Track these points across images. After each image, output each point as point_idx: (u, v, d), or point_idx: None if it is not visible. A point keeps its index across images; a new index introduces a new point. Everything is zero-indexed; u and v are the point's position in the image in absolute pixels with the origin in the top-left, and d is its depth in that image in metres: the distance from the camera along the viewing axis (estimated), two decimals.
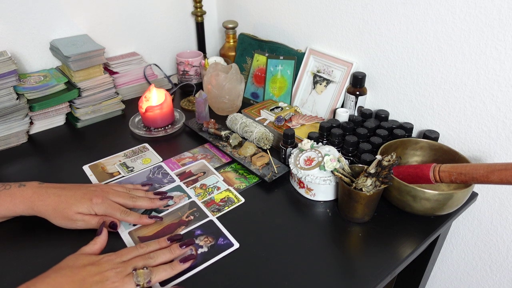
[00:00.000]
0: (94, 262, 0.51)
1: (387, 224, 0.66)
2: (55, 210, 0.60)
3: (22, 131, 0.88)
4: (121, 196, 0.65)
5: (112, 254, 0.53)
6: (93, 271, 0.49)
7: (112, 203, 0.63)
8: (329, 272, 0.57)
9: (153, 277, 0.51)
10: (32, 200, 0.60)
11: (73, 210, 0.60)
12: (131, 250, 0.55)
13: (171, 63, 1.28)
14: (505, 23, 0.64)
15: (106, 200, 0.63)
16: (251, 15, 1.17)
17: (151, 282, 0.51)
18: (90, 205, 0.61)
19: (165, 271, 0.53)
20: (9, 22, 0.93)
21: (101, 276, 0.49)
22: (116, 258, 0.53)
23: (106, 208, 0.62)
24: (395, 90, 0.85)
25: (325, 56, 0.95)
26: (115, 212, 0.63)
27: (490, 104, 0.70)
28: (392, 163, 0.61)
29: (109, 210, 0.63)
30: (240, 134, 0.89)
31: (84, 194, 0.62)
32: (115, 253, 0.54)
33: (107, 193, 0.64)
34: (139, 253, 0.55)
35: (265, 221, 0.67)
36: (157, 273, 0.52)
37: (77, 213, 0.61)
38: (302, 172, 0.70)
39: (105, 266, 0.51)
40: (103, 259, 0.52)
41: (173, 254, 0.56)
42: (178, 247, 0.57)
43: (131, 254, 0.54)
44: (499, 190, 0.75)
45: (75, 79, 0.93)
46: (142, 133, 0.92)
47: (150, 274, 0.51)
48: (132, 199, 0.66)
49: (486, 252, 0.82)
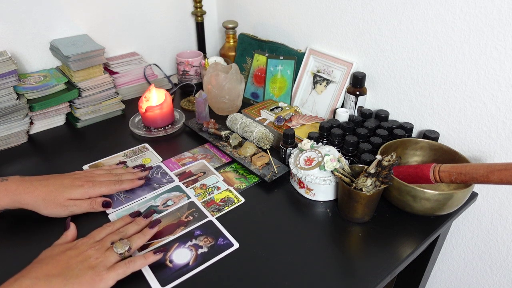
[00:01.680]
0: (71, 247, 0.53)
1: (387, 224, 0.66)
2: (45, 200, 0.62)
3: (22, 131, 0.88)
4: (106, 176, 0.70)
5: (85, 238, 0.56)
6: (74, 254, 0.52)
7: (102, 182, 0.68)
8: (329, 272, 0.57)
9: (131, 245, 0.55)
10: (17, 193, 0.61)
11: (65, 196, 0.63)
12: (100, 230, 0.58)
13: (171, 63, 1.28)
14: (505, 23, 0.64)
15: (96, 182, 0.67)
16: (251, 15, 1.17)
17: (131, 249, 0.55)
18: (84, 191, 0.65)
19: (140, 238, 0.58)
20: (9, 22, 0.93)
21: (83, 255, 0.51)
22: (89, 240, 0.55)
23: (100, 187, 0.67)
24: (395, 90, 0.85)
25: (325, 56, 0.95)
26: (110, 186, 0.67)
27: (490, 104, 0.70)
28: (392, 163, 0.61)
29: (104, 187, 0.67)
30: (240, 134, 0.89)
31: (72, 182, 0.65)
32: (87, 236, 0.57)
33: (92, 177, 0.68)
34: (109, 231, 0.58)
35: (265, 221, 0.67)
36: (133, 241, 0.56)
37: (69, 199, 0.63)
38: (302, 172, 0.70)
39: (82, 248, 0.53)
40: (78, 243, 0.55)
41: (139, 224, 0.61)
42: (142, 218, 0.62)
43: (102, 233, 0.57)
44: (499, 190, 0.75)
45: (75, 79, 0.93)
46: (142, 133, 0.92)
47: (128, 243, 0.55)
48: (116, 176, 0.71)
49: (486, 252, 0.82)
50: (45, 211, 0.62)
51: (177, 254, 0.59)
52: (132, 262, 0.53)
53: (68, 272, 0.49)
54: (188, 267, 0.57)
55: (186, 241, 0.62)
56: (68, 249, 0.53)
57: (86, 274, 0.49)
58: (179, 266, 0.57)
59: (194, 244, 0.61)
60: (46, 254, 0.53)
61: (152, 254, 0.55)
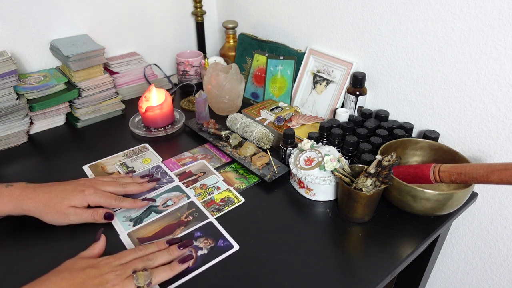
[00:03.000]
0: (93, 265, 0.51)
1: (387, 224, 0.66)
2: (46, 206, 0.60)
3: (22, 131, 0.88)
4: (111, 184, 0.67)
5: (111, 257, 0.53)
6: (93, 274, 0.49)
7: (104, 192, 0.65)
8: (329, 272, 0.57)
9: (153, 279, 0.51)
10: (20, 199, 0.60)
11: (65, 204, 0.61)
12: (129, 253, 0.54)
13: (171, 63, 1.28)
14: (505, 23, 0.64)
15: (98, 191, 0.64)
16: (251, 15, 1.17)
17: (151, 283, 0.51)
18: (83, 197, 0.62)
19: (165, 272, 0.53)
20: (9, 22, 0.93)
21: (101, 278, 0.49)
22: (115, 261, 0.52)
23: (100, 198, 0.64)
24: (395, 90, 0.85)
25: (325, 56, 0.95)
26: (109, 200, 0.64)
27: (490, 104, 0.70)
28: (392, 163, 0.61)
29: (103, 199, 0.64)
30: (240, 134, 0.89)
31: (74, 187, 0.63)
32: (114, 256, 0.53)
33: (96, 184, 0.66)
34: (137, 256, 0.54)
35: (265, 221, 0.67)
36: (157, 274, 0.52)
37: (69, 207, 0.61)
38: (302, 172, 0.70)
39: (104, 269, 0.50)
40: (102, 262, 0.52)
41: (171, 255, 0.56)
42: (176, 248, 0.57)
43: (129, 257, 0.54)
44: (499, 190, 0.75)
45: (75, 79, 0.93)
46: (142, 133, 0.92)
47: (150, 276, 0.51)
48: (122, 186, 0.68)
49: (486, 252, 0.82)
50: (46, 218, 0.61)
51: None
52: None
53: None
54: (188, 269, 0.57)
55: None
56: (90, 267, 0.50)
57: None
58: None
59: (194, 246, 0.61)
60: (67, 266, 0.51)
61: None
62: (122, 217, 0.67)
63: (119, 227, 0.64)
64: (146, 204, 0.68)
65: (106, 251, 0.57)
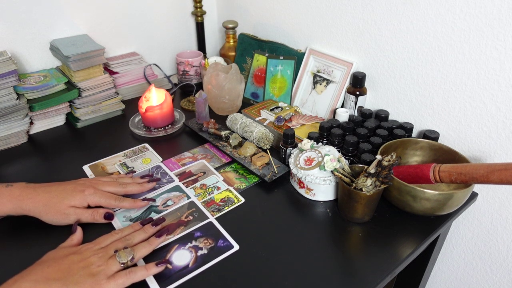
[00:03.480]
0: (75, 252, 0.53)
1: (387, 224, 0.66)
2: (46, 206, 0.61)
3: (22, 131, 0.88)
4: (111, 185, 0.68)
5: (90, 244, 0.56)
6: (76, 259, 0.51)
7: (104, 192, 0.65)
8: (329, 272, 0.57)
9: (135, 254, 0.54)
10: (20, 199, 0.61)
11: (65, 203, 0.61)
12: (107, 237, 0.57)
13: (171, 63, 1.28)
14: (505, 23, 0.64)
15: (98, 191, 0.65)
16: (251, 15, 1.17)
17: (134, 259, 0.54)
18: (83, 197, 0.63)
19: (145, 247, 0.56)
20: (9, 22, 0.93)
21: (85, 262, 0.51)
22: (95, 246, 0.55)
23: (100, 198, 0.64)
24: (395, 90, 0.85)
25: (325, 56, 0.95)
26: (109, 200, 0.65)
27: (490, 104, 0.70)
28: (392, 163, 0.61)
29: (103, 199, 0.64)
30: (240, 134, 0.89)
31: (74, 187, 0.64)
32: (92, 242, 0.56)
33: (96, 184, 0.66)
34: (115, 238, 0.57)
35: (265, 221, 0.67)
36: (138, 250, 0.55)
37: (69, 207, 0.62)
38: (302, 172, 0.70)
39: (86, 253, 0.53)
40: (83, 248, 0.54)
41: (147, 233, 0.59)
42: (150, 226, 0.61)
43: (108, 240, 0.56)
44: (499, 190, 0.75)
45: (75, 79, 0.93)
46: (142, 133, 0.92)
47: (131, 252, 0.54)
48: (122, 186, 0.68)
49: (486, 252, 0.82)
50: (46, 218, 0.61)
51: (177, 255, 0.59)
52: (133, 273, 0.52)
53: (68, 277, 0.48)
54: (188, 269, 0.57)
55: (186, 242, 0.62)
56: (72, 253, 0.52)
57: (86, 281, 0.48)
58: (179, 268, 0.57)
59: (194, 246, 0.61)
60: (49, 256, 0.52)
61: (154, 266, 0.54)
62: (122, 217, 0.67)
63: (119, 227, 0.64)
64: (146, 204, 0.68)
65: None
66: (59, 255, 0.52)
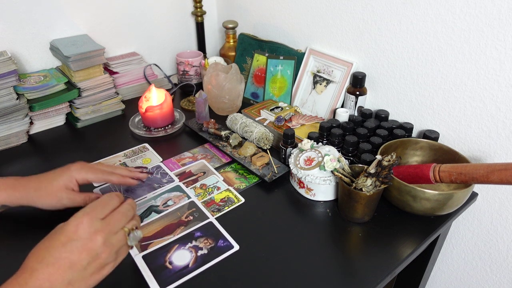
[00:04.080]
0: (93, 257, 0.45)
1: (387, 224, 0.66)
2: (37, 190, 0.61)
3: (22, 131, 0.88)
4: (99, 165, 0.67)
5: (103, 223, 0.47)
6: (90, 257, 0.45)
7: (91, 167, 0.64)
8: (329, 272, 0.57)
9: (139, 233, 0.50)
10: (13, 187, 0.61)
11: (55, 185, 0.61)
12: (119, 218, 0.49)
13: (171, 63, 1.28)
14: (505, 23, 0.64)
15: (85, 165, 0.64)
16: (251, 15, 1.17)
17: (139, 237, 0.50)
18: (69, 173, 0.62)
19: (136, 220, 0.51)
20: (9, 22, 0.93)
21: (97, 262, 0.45)
22: (107, 227, 0.47)
23: (86, 172, 0.63)
24: (395, 90, 0.85)
25: (325, 56, 0.95)
26: (96, 174, 0.64)
27: (490, 104, 0.70)
28: (392, 163, 0.61)
29: (90, 173, 0.63)
30: (240, 134, 0.89)
31: (62, 168, 0.63)
32: (104, 221, 0.47)
33: (84, 164, 0.65)
34: (124, 223, 0.49)
35: (265, 221, 0.67)
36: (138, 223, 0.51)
37: (59, 189, 0.61)
38: (302, 172, 0.70)
39: (98, 249, 0.45)
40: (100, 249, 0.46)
41: (132, 208, 0.52)
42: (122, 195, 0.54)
43: (120, 223, 0.48)
44: (499, 190, 0.75)
45: (75, 79, 0.93)
46: (142, 133, 0.92)
47: (138, 237, 0.49)
48: (111, 167, 0.67)
49: (486, 252, 0.82)
50: (39, 203, 0.61)
51: (177, 255, 0.59)
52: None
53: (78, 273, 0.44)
54: (188, 269, 0.57)
55: (186, 242, 0.62)
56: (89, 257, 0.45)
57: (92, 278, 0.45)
58: (179, 267, 0.57)
59: (194, 246, 0.61)
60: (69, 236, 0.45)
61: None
62: None
63: None
64: (135, 182, 0.67)
65: None
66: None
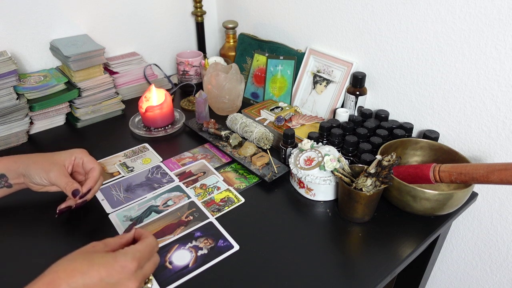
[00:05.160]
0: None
1: (387, 224, 0.66)
2: (36, 160, 0.63)
3: (22, 131, 0.88)
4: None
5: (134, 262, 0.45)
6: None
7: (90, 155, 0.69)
8: (329, 272, 0.57)
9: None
10: (14, 159, 0.63)
11: (55, 157, 0.64)
12: (151, 264, 0.48)
13: (171, 63, 1.28)
14: (505, 23, 0.64)
15: (85, 151, 0.68)
16: (251, 15, 1.17)
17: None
18: (71, 151, 0.66)
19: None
20: (9, 22, 0.93)
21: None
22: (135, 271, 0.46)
23: (86, 155, 0.67)
24: (395, 90, 0.85)
25: (325, 56, 0.95)
26: (90, 157, 0.68)
27: (490, 104, 0.70)
28: (392, 163, 0.61)
29: (86, 156, 0.67)
30: (240, 134, 0.89)
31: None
32: (141, 276, 0.46)
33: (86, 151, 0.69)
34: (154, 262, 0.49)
35: (265, 221, 0.67)
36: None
37: (56, 161, 0.63)
38: (302, 172, 0.70)
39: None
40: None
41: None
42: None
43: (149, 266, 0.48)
44: (499, 190, 0.75)
45: (75, 79, 0.93)
46: (142, 133, 0.92)
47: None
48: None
49: (486, 252, 0.82)
50: (31, 173, 0.62)
51: (177, 255, 0.59)
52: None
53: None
54: (188, 269, 0.57)
55: (186, 242, 0.62)
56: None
57: None
58: (179, 267, 0.57)
59: (194, 246, 0.61)
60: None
61: None
62: (123, 216, 0.67)
63: (119, 227, 0.64)
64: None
65: None
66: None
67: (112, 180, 0.76)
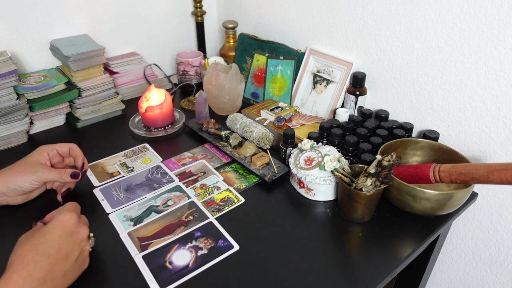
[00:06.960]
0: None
1: (387, 224, 0.66)
2: (12, 170, 0.64)
3: (22, 131, 0.88)
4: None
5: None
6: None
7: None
8: (329, 272, 0.57)
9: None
10: None
11: (29, 161, 0.66)
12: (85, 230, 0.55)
13: (171, 63, 1.28)
14: (505, 23, 0.64)
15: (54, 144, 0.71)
16: (251, 15, 1.17)
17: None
18: (40, 150, 0.68)
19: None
20: (9, 22, 0.93)
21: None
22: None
23: (55, 145, 0.70)
24: (395, 90, 0.85)
25: (325, 56, 0.95)
26: (62, 145, 0.71)
27: (490, 104, 0.70)
28: (392, 163, 0.61)
29: (57, 146, 0.70)
30: (240, 134, 0.89)
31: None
32: (85, 222, 0.56)
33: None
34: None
35: (265, 221, 0.67)
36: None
37: (34, 163, 0.65)
38: (302, 172, 0.70)
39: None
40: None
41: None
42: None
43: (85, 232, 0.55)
44: (499, 190, 0.75)
45: (75, 79, 0.93)
46: (142, 133, 0.92)
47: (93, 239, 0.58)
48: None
49: (486, 252, 0.82)
50: (15, 178, 0.63)
51: (177, 255, 0.59)
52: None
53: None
54: (188, 269, 0.57)
55: (186, 242, 0.62)
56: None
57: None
58: (179, 267, 0.57)
59: (194, 246, 0.61)
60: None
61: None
62: (123, 216, 0.67)
63: (119, 227, 0.64)
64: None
65: (106, 249, 0.57)
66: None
67: (112, 180, 0.76)
